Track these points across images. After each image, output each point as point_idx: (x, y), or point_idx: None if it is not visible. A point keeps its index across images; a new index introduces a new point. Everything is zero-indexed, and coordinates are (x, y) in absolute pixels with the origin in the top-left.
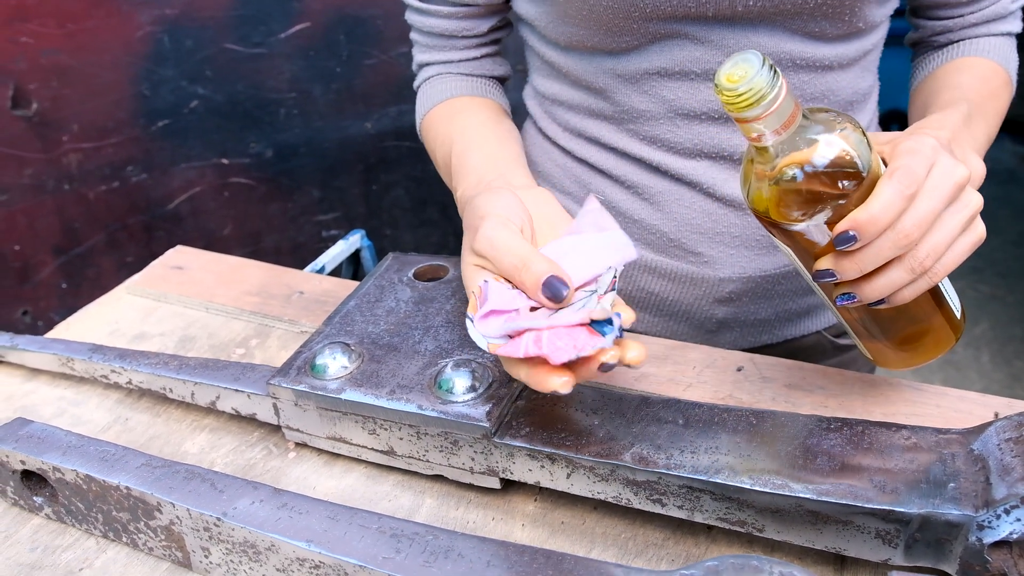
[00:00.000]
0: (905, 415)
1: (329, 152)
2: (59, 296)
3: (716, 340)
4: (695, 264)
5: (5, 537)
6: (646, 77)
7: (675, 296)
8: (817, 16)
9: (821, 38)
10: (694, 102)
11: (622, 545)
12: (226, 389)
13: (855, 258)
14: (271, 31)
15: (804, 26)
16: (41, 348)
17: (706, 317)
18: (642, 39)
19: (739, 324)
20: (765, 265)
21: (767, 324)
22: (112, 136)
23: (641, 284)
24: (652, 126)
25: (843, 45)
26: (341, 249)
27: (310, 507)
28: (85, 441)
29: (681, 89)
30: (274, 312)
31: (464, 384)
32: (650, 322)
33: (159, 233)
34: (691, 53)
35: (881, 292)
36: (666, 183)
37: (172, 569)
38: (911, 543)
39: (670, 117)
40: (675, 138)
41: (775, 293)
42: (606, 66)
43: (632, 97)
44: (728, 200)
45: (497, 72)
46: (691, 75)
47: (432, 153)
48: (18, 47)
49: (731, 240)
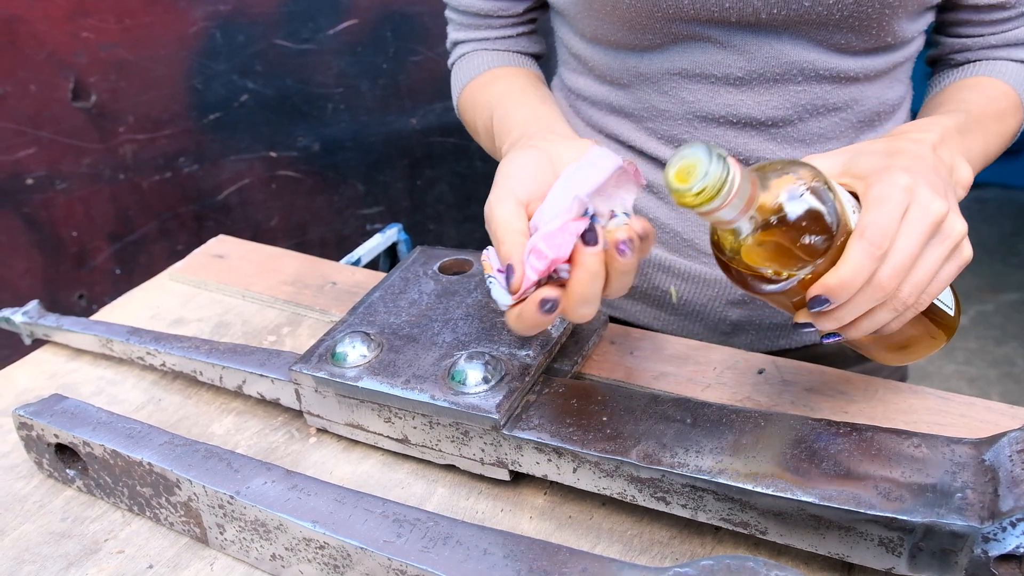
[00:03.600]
0: (928, 424)
1: (374, 147)
2: (113, 281)
3: (731, 342)
4: (708, 265)
5: (40, 506)
6: (667, 77)
7: (689, 296)
8: (843, 29)
9: (847, 51)
10: (712, 105)
11: (627, 542)
12: (252, 374)
13: (832, 316)
14: (319, 27)
15: (829, 37)
16: (84, 329)
17: (720, 318)
18: (665, 39)
19: (754, 327)
20: None
21: (783, 329)
22: (166, 128)
23: (655, 283)
24: (671, 126)
25: (870, 58)
26: (378, 242)
27: (319, 490)
28: (114, 418)
29: (700, 92)
30: (306, 301)
31: (477, 376)
32: (666, 320)
33: (208, 223)
34: (712, 57)
35: (866, 331)
36: None
37: (191, 544)
38: (915, 552)
39: (688, 119)
40: (692, 139)
41: None
42: (629, 63)
43: (653, 96)
44: None
45: (532, 49)
46: (711, 78)
47: (473, 124)
48: (79, 41)
49: None
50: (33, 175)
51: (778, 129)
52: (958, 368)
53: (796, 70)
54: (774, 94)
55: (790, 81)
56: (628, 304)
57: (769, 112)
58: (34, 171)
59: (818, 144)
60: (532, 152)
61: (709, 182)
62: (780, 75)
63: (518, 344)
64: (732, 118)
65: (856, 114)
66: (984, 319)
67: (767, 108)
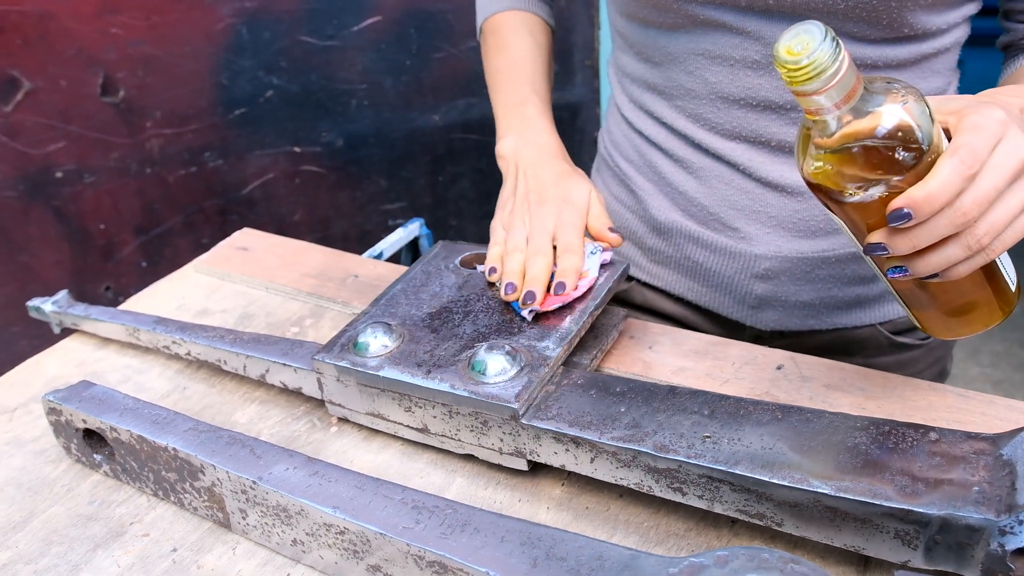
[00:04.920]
0: (947, 421)
1: (397, 143)
2: (139, 273)
3: (759, 318)
4: (732, 239)
5: (68, 490)
6: (692, 57)
7: (716, 267)
8: (852, 19)
9: (863, 39)
10: (733, 87)
11: (643, 533)
12: (275, 363)
13: (909, 235)
14: (344, 24)
15: (842, 26)
16: (111, 318)
17: (746, 291)
18: (686, 21)
19: (780, 303)
20: (803, 248)
21: (811, 308)
22: (192, 123)
23: (686, 252)
24: (696, 104)
25: (889, 48)
26: (400, 236)
27: (339, 476)
28: (141, 404)
29: (722, 73)
30: (329, 294)
31: (497, 367)
32: (698, 291)
33: (233, 217)
34: (731, 40)
35: (934, 268)
36: (708, 160)
37: (214, 529)
38: (931, 546)
39: (711, 99)
40: (716, 119)
41: (816, 277)
42: (660, 42)
43: (680, 75)
44: (765, 181)
45: None
46: (730, 60)
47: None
48: (108, 38)
49: (768, 219)
50: (62, 169)
51: (798, 114)
52: (983, 371)
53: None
54: None
55: None
56: (664, 272)
57: (787, 96)
58: (63, 165)
59: None
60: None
61: (817, 58)
62: None
63: (537, 336)
64: (752, 100)
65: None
66: (1010, 321)
67: (785, 93)
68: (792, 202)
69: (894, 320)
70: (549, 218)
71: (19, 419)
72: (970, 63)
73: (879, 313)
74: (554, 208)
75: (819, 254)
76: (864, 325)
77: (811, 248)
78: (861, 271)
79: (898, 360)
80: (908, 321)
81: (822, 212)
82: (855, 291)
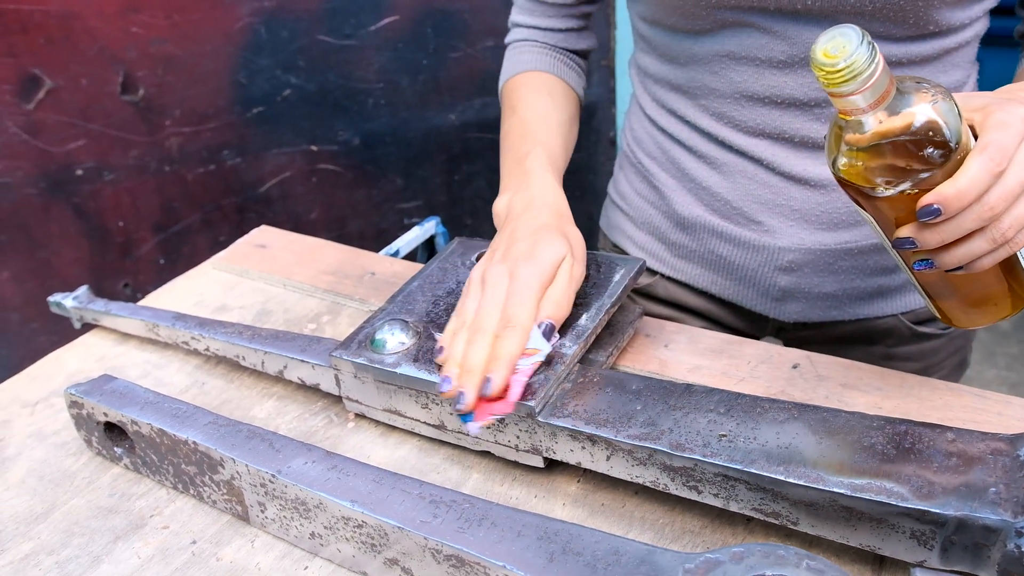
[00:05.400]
0: (963, 422)
1: (414, 142)
2: (157, 271)
3: (783, 310)
4: (756, 232)
5: (88, 483)
6: (716, 58)
7: (740, 261)
8: (879, 19)
9: (888, 38)
10: (758, 86)
11: (659, 530)
12: (293, 359)
13: (937, 229)
14: (361, 24)
15: (869, 25)
16: (131, 314)
17: (770, 284)
18: (713, 24)
19: (803, 295)
20: (825, 240)
21: (834, 299)
22: (210, 121)
23: (710, 247)
24: (720, 104)
25: (915, 45)
26: (416, 234)
27: (358, 470)
28: (161, 398)
29: (747, 73)
30: (346, 291)
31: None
32: (722, 284)
33: (250, 215)
34: (757, 41)
35: (959, 260)
36: (731, 156)
37: (232, 522)
38: (947, 546)
39: (736, 98)
40: (740, 117)
41: (839, 269)
42: (684, 45)
43: (704, 75)
44: (789, 175)
45: (581, 46)
46: (756, 61)
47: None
48: (129, 37)
49: (791, 212)
50: (83, 166)
51: (822, 110)
52: (999, 373)
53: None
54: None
55: None
56: (688, 267)
57: (812, 93)
58: (84, 162)
59: None
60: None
61: (854, 61)
62: None
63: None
64: (776, 98)
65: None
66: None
67: (809, 90)
68: (815, 195)
69: (915, 310)
70: (502, 280)
71: (41, 412)
72: (988, 63)
73: (901, 303)
74: (512, 266)
75: (842, 246)
76: (886, 315)
77: (834, 240)
78: (883, 262)
79: (919, 350)
80: (929, 311)
81: (844, 205)
82: (877, 282)
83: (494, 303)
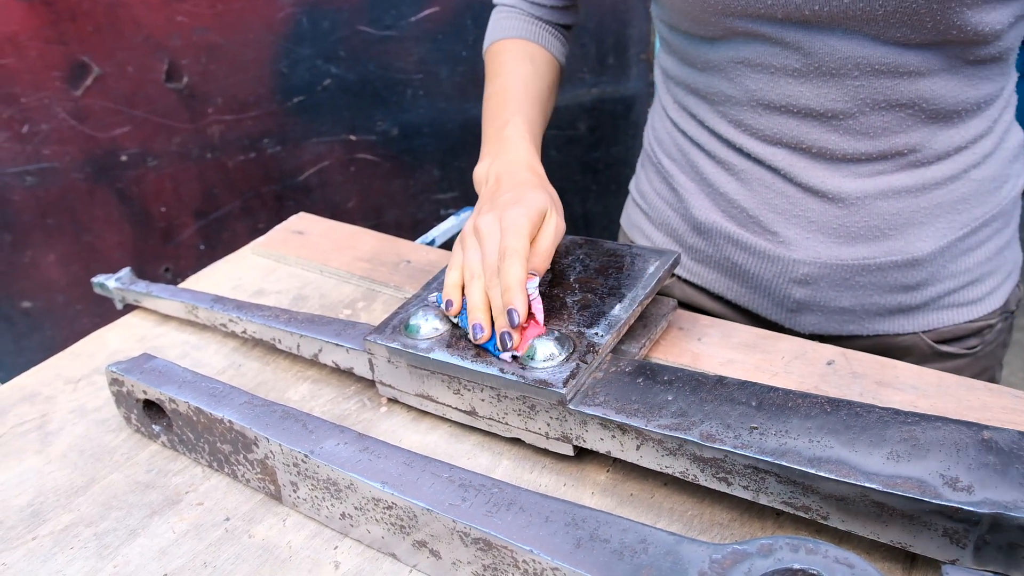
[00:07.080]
0: (1001, 422)
1: (451, 133)
2: (197, 256)
3: (798, 321)
4: (771, 243)
5: (127, 458)
6: (732, 65)
7: (755, 270)
8: (894, 24)
9: (904, 44)
10: (773, 95)
11: (688, 522)
12: (328, 343)
13: None
14: (401, 15)
15: (883, 31)
16: (171, 296)
17: (784, 295)
18: (724, 32)
19: (819, 308)
20: (842, 254)
21: (851, 313)
22: (252, 110)
23: (726, 253)
24: (737, 110)
25: (932, 51)
26: (452, 224)
27: (389, 453)
28: (198, 378)
29: (762, 81)
30: (382, 278)
31: (545, 352)
32: (737, 291)
33: (289, 203)
34: (770, 49)
35: None
36: (749, 163)
37: (265, 501)
38: (980, 545)
39: (752, 105)
40: (757, 124)
41: (856, 284)
42: (701, 49)
43: (721, 82)
44: (806, 186)
45: (564, 21)
46: (771, 69)
47: (486, 80)
48: (174, 25)
49: (807, 224)
50: (127, 152)
51: (839, 121)
52: None
53: (851, 64)
54: (832, 87)
55: (847, 75)
56: (704, 271)
57: (828, 104)
58: (128, 148)
59: (883, 137)
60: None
61: None
62: (836, 69)
63: (587, 323)
64: (792, 108)
65: (926, 110)
66: None
67: (826, 100)
68: (832, 208)
69: (938, 329)
70: (494, 225)
71: (83, 389)
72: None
73: (923, 321)
74: (500, 212)
75: (859, 261)
76: (907, 333)
77: (851, 255)
78: (904, 279)
79: (942, 368)
80: (953, 331)
81: (863, 219)
82: (897, 299)
83: (494, 246)
